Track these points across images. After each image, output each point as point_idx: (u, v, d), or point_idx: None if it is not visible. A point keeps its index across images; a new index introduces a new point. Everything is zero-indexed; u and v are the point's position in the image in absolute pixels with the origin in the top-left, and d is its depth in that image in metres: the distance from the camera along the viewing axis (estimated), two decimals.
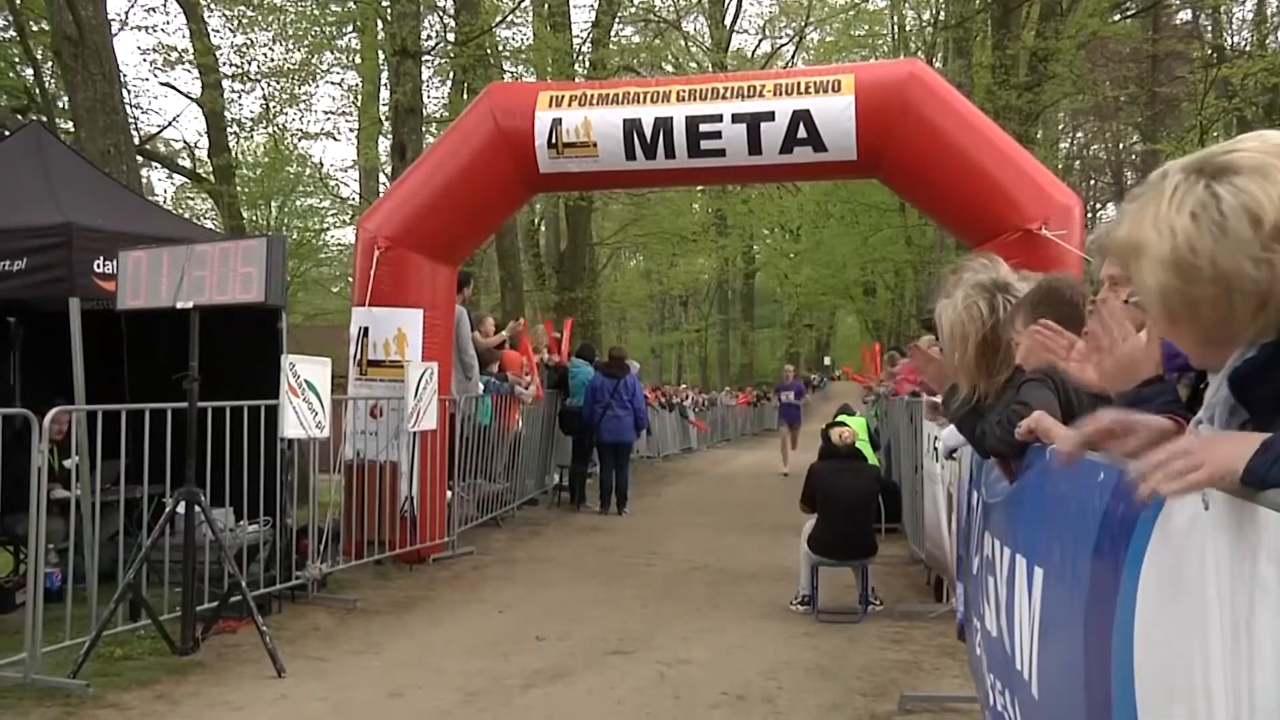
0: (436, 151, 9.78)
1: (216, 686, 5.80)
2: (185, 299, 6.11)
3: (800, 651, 6.66)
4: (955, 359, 3.15)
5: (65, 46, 11.94)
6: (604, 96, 9.22)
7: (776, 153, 8.88)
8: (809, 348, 64.87)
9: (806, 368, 67.01)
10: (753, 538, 11.44)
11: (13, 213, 7.09)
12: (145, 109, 34.74)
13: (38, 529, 5.83)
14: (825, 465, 7.77)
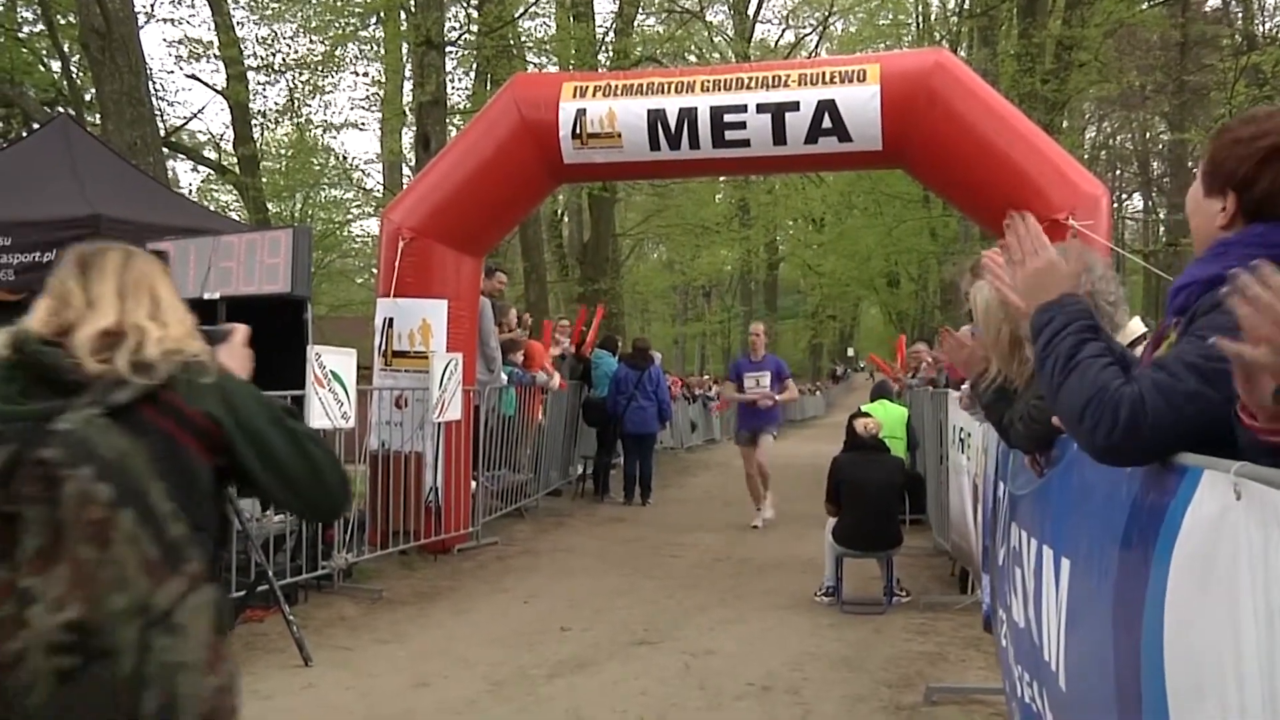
0: (461, 142, 9.80)
1: (244, 675, 5.80)
2: (212, 290, 6.17)
3: (825, 643, 6.65)
4: (989, 339, 3.16)
5: (93, 39, 12.04)
6: (628, 87, 9.21)
7: (801, 143, 8.84)
8: (833, 339, 64.70)
9: (830, 359, 67.05)
10: (777, 527, 11.43)
11: (42, 205, 7.17)
12: (171, 101, 34.95)
13: None
14: (849, 457, 7.75)
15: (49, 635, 1.63)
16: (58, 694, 1.62)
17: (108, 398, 1.79)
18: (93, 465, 1.70)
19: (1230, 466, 1.43)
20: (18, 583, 1.64)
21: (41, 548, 1.65)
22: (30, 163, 7.92)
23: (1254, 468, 1.39)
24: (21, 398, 1.82)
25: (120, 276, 1.96)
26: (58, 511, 1.67)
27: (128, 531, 1.70)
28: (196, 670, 1.74)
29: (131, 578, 1.69)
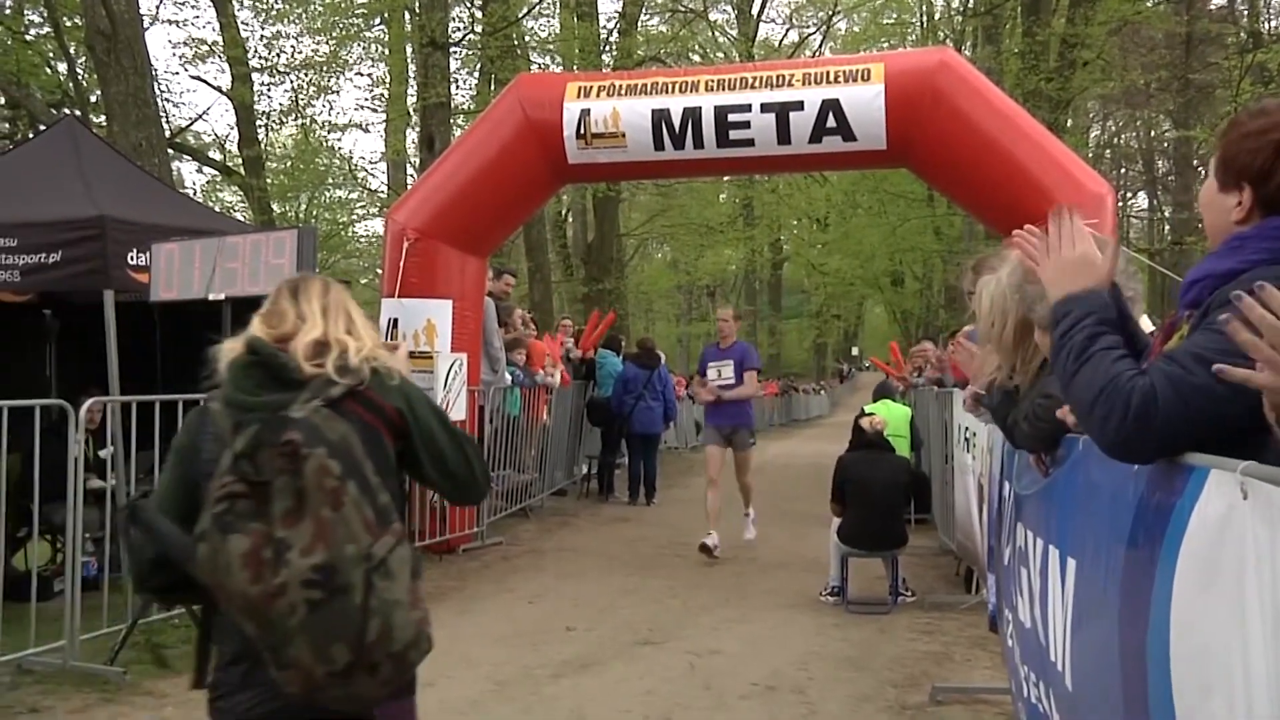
0: (465, 143, 9.80)
1: None
2: (217, 290, 6.16)
3: (830, 642, 6.65)
4: (994, 333, 3.18)
5: (98, 41, 12.06)
6: (632, 87, 9.21)
7: (805, 142, 8.84)
8: (837, 338, 64.62)
9: (835, 358, 67.00)
10: (781, 528, 11.42)
11: (48, 206, 7.17)
12: (176, 103, 34.99)
13: (75, 518, 5.91)
14: (854, 456, 7.75)
15: (303, 574, 2.07)
16: (309, 619, 2.06)
17: (324, 393, 2.27)
18: (325, 446, 2.16)
19: (1237, 466, 1.42)
20: (274, 534, 2.09)
21: (289, 508, 2.10)
22: (37, 164, 7.92)
23: (1260, 467, 1.39)
24: (257, 390, 2.31)
25: (323, 300, 2.47)
26: (301, 481, 2.11)
27: (354, 498, 2.15)
28: (404, 606, 2.16)
29: (357, 533, 2.13)
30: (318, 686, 2.11)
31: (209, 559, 2.10)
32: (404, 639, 2.15)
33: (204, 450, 2.32)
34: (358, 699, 2.16)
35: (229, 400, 2.32)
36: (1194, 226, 24.29)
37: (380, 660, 2.12)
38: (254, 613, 2.09)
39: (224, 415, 2.30)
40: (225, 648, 2.28)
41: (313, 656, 2.08)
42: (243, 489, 2.12)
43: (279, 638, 2.08)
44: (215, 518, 2.11)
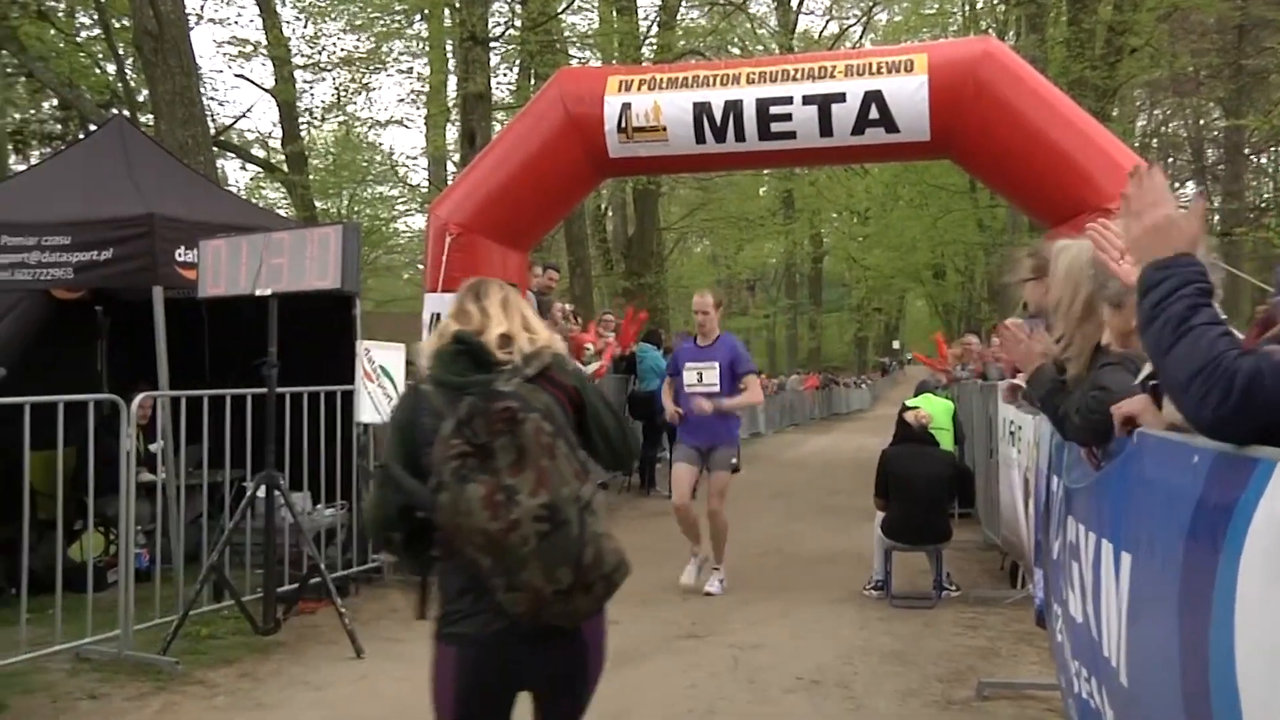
0: (506, 137, 9.82)
1: (297, 665, 5.93)
2: (264, 286, 6.22)
3: (875, 636, 6.62)
4: (1062, 303, 3.19)
5: (146, 41, 12.21)
6: (673, 80, 9.18)
7: (848, 134, 8.77)
8: (878, 331, 64.29)
9: (875, 352, 66.61)
10: (823, 522, 11.40)
11: (99, 204, 7.28)
12: (221, 101, 35.31)
13: (127, 511, 6.00)
14: (898, 450, 7.71)
15: (533, 511, 2.50)
16: (539, 546, 2.50)
17: (522, 373, 2.72)
18: (537, 411, 2.60)
19: None
20: (503, 482, 2.52)
21: (513, 461, 2.53)
22: (88, 164, 8.04)
23: None
24: (465, 372, 2.74)
25: (502, 301, 2.91)
26: (520, 439, 2.54)
27: (564, 451, 2.61)
28: (609, 538, 2.63)
29: (569, 479, 2.58)
30: (544, 604, 2.55)
31: (450, 504, 2.53)
32: (611, 563, 2.62)
33: (422, 424, 2.72)
34: (574, 614, 2.62)
35: (440, 381, 2.75)
36: (1245, 217, 23.90)
37: (594, 580, 2.59)
38: (493, 545, 2.52)
39: (437, 394, 2.73)
40: (452, 586, 2.69)
41: (543, 578, 2.52)
42: (469, 449, 2.54)
43: (514, 564, 2.51)
44: (452, 471, 2.53)
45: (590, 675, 2.81)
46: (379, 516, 2.74)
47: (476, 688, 2.70)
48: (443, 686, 2.73)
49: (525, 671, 2.70)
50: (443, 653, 2.73)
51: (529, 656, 2.67)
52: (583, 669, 2.78)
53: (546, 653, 2.68)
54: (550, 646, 2.67)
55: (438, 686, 2.74)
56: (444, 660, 2.72)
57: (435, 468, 2.57)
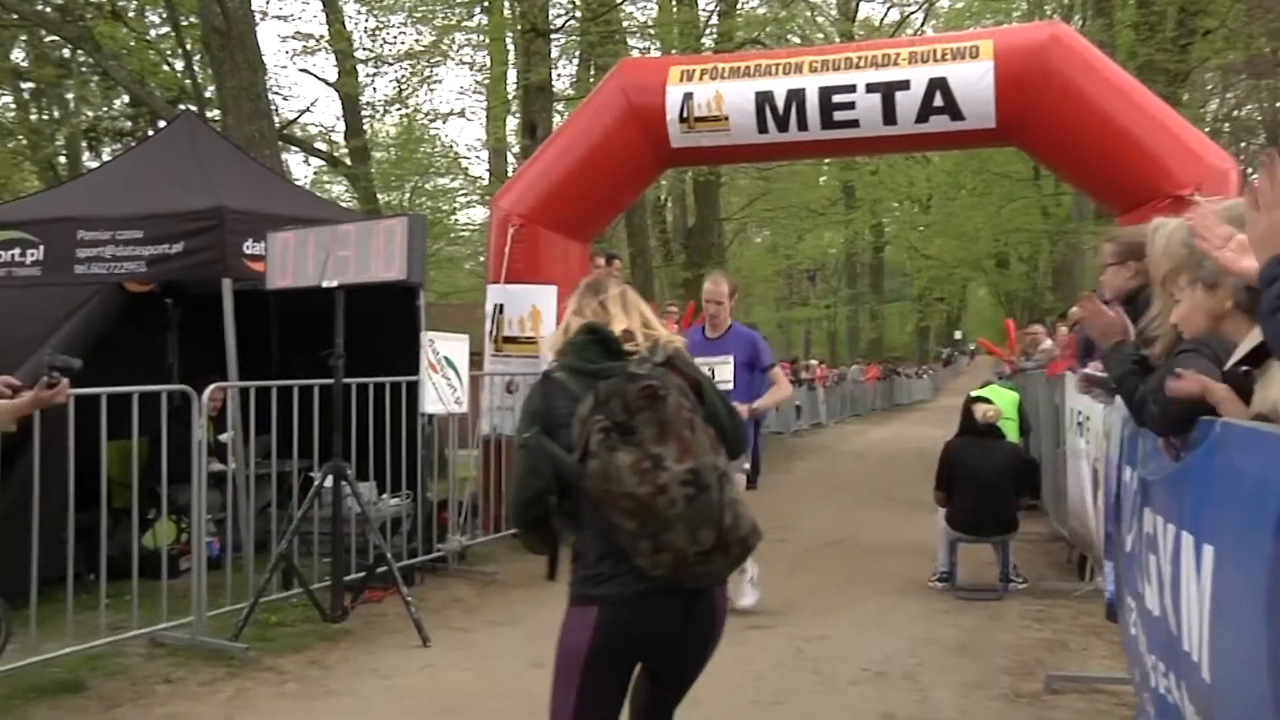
0: (568, 129, 9.86)
1: (365, 654, 6.00)
2: (330, 278, 6.28)
3: (940, 628, 6.57)
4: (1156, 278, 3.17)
5: (214, 38, 12.41)
6: (735, 69, 9.16)
7: (912, 122, 8.71)
8: (940, 322, 63.58)
9: (937, 342, 65.90)
10: (886, 513, 11.32)
11: (170, 199, 7.41)
12: (285, 95, 35.75)
13: (199, 500, 6.11)
14: (963, 441, 7.62)
15: (680, 476, 2.68)
16: (686, 509, 2.68)
17: (652, 360, 2.90)
18: (674, 389, 2.81)
19: None
20: (649, 450, 2.70)
21: (656, 433, 2.72)
22: (158, 159, 8.19)
23: None
24: (598, 359, 2.93)
25: (621, 299, 3.09)
26: (661, 413, 2.73)
27: (701, 425, 2.81)
28: (742, 504, 2.83)
29: (708, 449, 2.78)
30: (686, 565, 2.71)
31: (600, 471, 2.69)
32: (747, 526, 2.80)
33: (557, 407, 2.89)
34: (711, 575, 2.80)
35: (574, 369, 2.93)
36: None
37: (732, 542, 2.76)
38: (641, 509, 2.68)
39: (571, 380, 2.91)
40: (591, 551, 2.82)
41: (687, 539, 2.68)
42: (610, 425, 2.72)
43: (660, 526, 2.68)
44: (600, 442, 2.71)
45: (715, 638, 2.96)
46: (532, 483, 2.87)
47: (611, 647, 2.83)
48: (575, 645, 2.85)
49: (660, 631, 2.84)
50: (581, 613, 2.85)
51: (666, 617, 2.81)
52: (711, 631, 2.93)
53: (682, 614, 2.83)
54: (686, 608, 2.83)
55: (569, 646, 2.87)
56: (581, 620, 2.84)
57: (576, 443, 2.75)
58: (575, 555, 2.91)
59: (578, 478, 2.74)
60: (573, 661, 2.86)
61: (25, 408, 4.85)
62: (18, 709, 5.03)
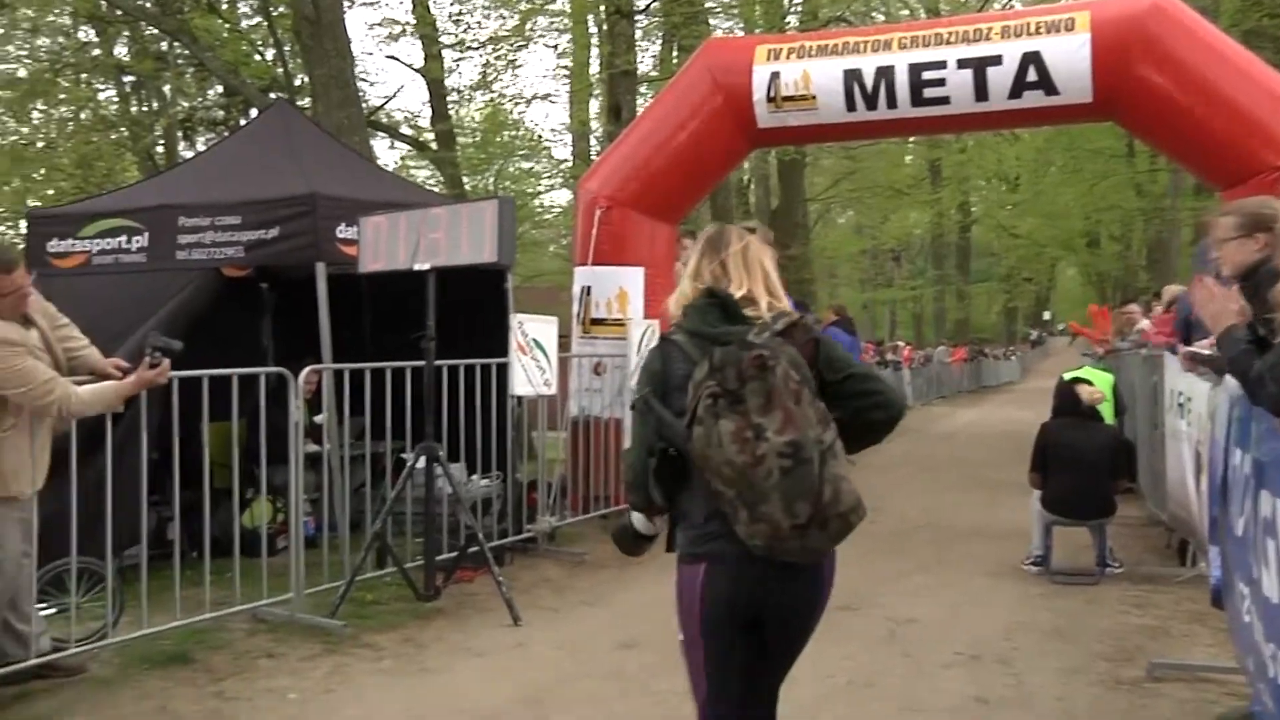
0: (655, 110, 9.84)
1: (458, 632, 6.09)
2: (422, 261, 6.35)
3: (1035, 613, 6.46)
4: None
5: (304, 27, 12.64)
6: (823, 47, 9.06)
7: (1004, 98, 8.53)
8: (1028, 302, 62.44)
9: (1025, 323, 64.66)
10: (976, 495, 11.16)
11: (266, 185, 7.55)
12: (372, 82, 36.25)
13: (296, 480, 6.24)
14: (1060, 423, 7.47)
15: (778, 448, 2.66)
16: (782, 481, 2.66)
17: (771, 328, 2.85)
18: (785, 359, 2.76)
19: None
20: (752, 420, 2.68)
21: (762, 404, 2.69)
22: (254, 146, 8.36)
23: None
24: (718, 323, 2.91)
25: (743, 255, 3.02)
26: (770, 383, 2.70)
27: (809, 398, 2.75)
28: (846, 480, 2.75)
29: (813, 422, 2.72)
30: (781, 538, 2.70)
31: (703, 437, 2.70)
32: (849, 503, 2.74)
33: (674, 370, 2.91)
34: (809, 551, 2.76)
35: (694, 332, 2.92)
36: None
37: (830, 517, 2.71)
38: (739, 476, 2.68)
39: (690, 343, 2.90)
40: (698, 512, 2.85)
41: (783, 511, 2.66)
42: (720, 392, 2.71)
43: (757, 496, 2.67)
44: (707, 408, 2.71)
45: (820, 608, 2.98)
46: (633, 466, 2.94)
47: (723, 602, 2.85)
48: (690, 602, 2.89)
49: (767, 594, 2.84)
50: (690, 571, 2.89)
51: (771, 580, 2.82)
52: (816, 600, 2.95)
53: (786, 579, 2.83)
54: (785, 578, 2.83)
55: (684, 603, 2.91)
56: (691, 577, 2.88)
57: (688, 407, 2.76)
58: (683, 515, 2.93)
59: (684, 441, 2.76)
60: (690, 619, 2.90)
61: (130, 389, 5.01)
62: (132, 679, 5.20)
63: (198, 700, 4.98)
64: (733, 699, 2.93)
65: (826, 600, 2.99)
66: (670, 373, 2.94)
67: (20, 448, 4.81)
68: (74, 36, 23.73)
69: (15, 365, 4.71)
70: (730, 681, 2.93)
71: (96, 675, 5.23)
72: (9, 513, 4.79)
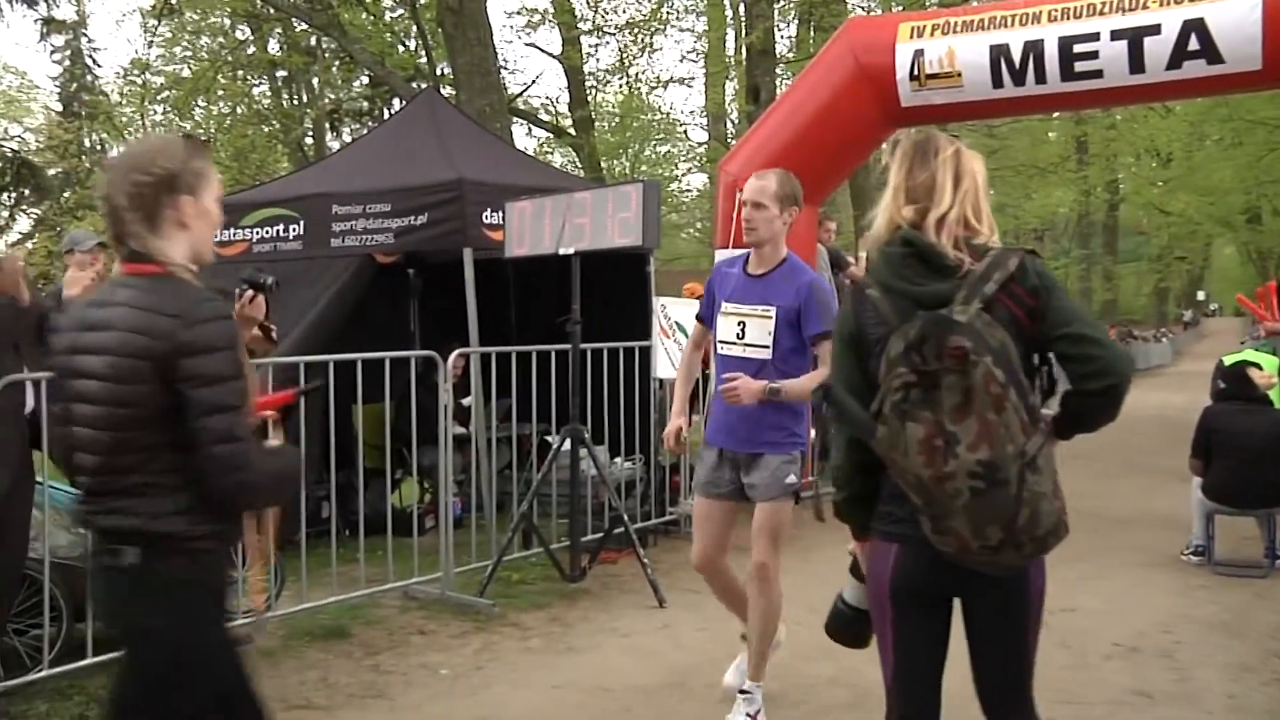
0: (795, 92, 9.72)
1: (603, 613, 6.15)
2: (567, 245, 6.40)
3: (1197, 605, 6.21)
4: None
5: (447, 17, 12.89)
6: (968, 23, 8.79)
7: (1162, 69, 8.14)
8: (1180, 283, 59.96)
9: (1176, 304, 62.07)
10: (1131, 482, 10.78)
11: (415, 172, 7.74)
12: (511, 70, 36.86)
13: (445, 462, 6.39)
14: (1225, 408, 7.16)
15: (969, 466, 2.36)
16: (970, 503, 2.38)
17: (980, 292, 2.48)
18: (991, 354, 2.39)
19: None
20: (945, 425, 2.38)
21: (957, 404, 2.38)
22: (403, 134, 8.58)
23: None
24: (918, 280, 2.55)
25: (956, 173, 2.65)
26: (968, 381, 2.38)
27: (1014, 403, 2.40)
28: (1048, 498, 2.45)
29: (1015, 434, 2.39)
30: (969, 554, 2.45)
31: (888, 439, 2.46)
32: (1047, 525, 2.46)
33: (869, 331, 2.60)
34: (1000, 566, 2.49)
35: (889, 287, 2.58)
36: None
37: (1025, 541, 2.43)
38: (923, 490, 2.44)
39: (884, 301, 2.57)
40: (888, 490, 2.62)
41: (970, 532, 2.42)
42: (914, 379, 2.43)
43: (941, 511, 2.43)
44: (894, 405, 2.44)
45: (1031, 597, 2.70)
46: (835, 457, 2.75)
47: (914, 581, 2.65)
48: (879, 579, 2.71)
49: (960, 580, 2.61)
50: (882, 549, 2.69)
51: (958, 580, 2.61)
52: (1018, 593, 2.67)
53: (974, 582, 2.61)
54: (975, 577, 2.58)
55: (873, 579, 2.74)
56: (882, 555, 2.69)
57: (880, 391, 2.49)
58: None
59: (869, 435, 2.53)
60: (880, 595, 2.72)
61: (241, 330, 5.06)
62: (294, 651, 5.41)
63: (355, 673, 5.15)
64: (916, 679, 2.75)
65: (1042, 589, 2.72)
66: (864, 333, 2.62)
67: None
68: (231, 35, 24.73)
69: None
70: (917, 662, 2.74)
71: (262, 646, 5.45)
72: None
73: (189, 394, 2.37)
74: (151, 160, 2.48)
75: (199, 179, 2.53)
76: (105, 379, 2.41)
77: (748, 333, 4.40)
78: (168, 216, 2.49)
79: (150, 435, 2.42)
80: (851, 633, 2.97)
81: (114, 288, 2.52)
